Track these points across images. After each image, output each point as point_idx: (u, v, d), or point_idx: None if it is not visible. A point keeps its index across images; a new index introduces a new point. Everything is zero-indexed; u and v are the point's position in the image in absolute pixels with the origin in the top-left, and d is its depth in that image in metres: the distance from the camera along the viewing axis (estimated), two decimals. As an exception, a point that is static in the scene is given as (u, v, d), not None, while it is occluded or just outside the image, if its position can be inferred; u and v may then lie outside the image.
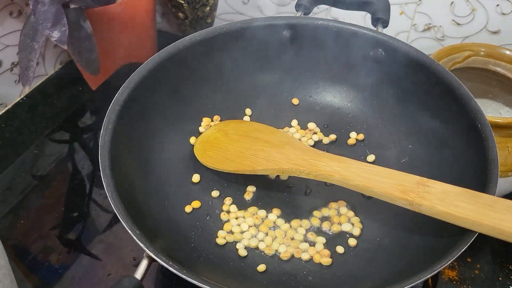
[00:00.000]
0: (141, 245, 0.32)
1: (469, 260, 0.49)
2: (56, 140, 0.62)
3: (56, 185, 0.55)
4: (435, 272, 0.32)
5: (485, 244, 0.51)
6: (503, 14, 0.64)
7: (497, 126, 0.46)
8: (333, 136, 0.51)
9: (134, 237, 0.32)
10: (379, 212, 0.45)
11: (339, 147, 0.51)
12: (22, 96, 0.76)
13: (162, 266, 0.45)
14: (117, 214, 0.34)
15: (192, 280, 0.30)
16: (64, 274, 0.46)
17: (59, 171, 0.57)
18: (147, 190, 0.42)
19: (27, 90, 0.57)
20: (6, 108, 0.74)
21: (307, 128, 0.52)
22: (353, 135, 0.51)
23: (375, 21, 0.52)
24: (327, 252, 0.42)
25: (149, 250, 0.31)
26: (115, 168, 0.37)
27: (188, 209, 0.45)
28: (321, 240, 0.43)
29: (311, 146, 0.50)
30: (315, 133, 0.52)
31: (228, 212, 0.45)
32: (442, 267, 0.32)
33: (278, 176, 0.48)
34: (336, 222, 0.44)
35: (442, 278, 0.48)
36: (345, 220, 0.44)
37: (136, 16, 0.67)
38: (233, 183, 0.47)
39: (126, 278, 0.30)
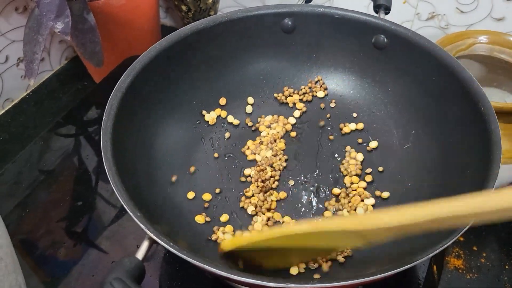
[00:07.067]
0: (142, 226, 0.32)
1: (475, 249, 0.49)
2: (62, 134, 0.62)
3: (63, 179, 0.56)
4: (437, 251, 0.31)
5: (491, 233, 0.50)
6: (508, 0, 0.64)
7: (502, 112, 0.46)
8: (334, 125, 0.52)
9: (135, 219, 0.32)
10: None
11: (341, 135, 0.51)
12: (28, 91, 0.76)
13: (165, 254, 0.46)
14: (118, 197, 0.34)
15: (192, 260, 0.30)
16: (70, 266, 0.47)
17: (65, 165, 0.58)
18: (149, 175, 0.42)
19: (31, 83, 0.57)
20: (13, 103, 0.75)
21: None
22: (352, 125, 0.51)
23: (377, 7, 0.52)
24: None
25: (149, 231, 0.32)
26: (116, 153, 0.37)
27: (190, 195, 0.45)
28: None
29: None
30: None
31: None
32: (444, 246, 0.31)
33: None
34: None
35: (447, 267, 0.48)
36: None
37: (139, 9, 0.67)
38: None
39: (127, 258, 0.30)
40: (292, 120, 0.52)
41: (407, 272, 0.43)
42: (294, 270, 0.40)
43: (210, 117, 0.51)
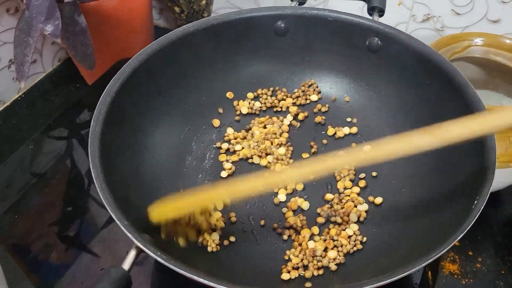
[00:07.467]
0: (129, 235, 0.31)
1: (470, 253, 0.48)
2: (54, 137, 0.62)
3: (55, 182, 0.55)
4: (431, 260, 0.31)
5: (487, 238, 0.50)
6: (503, 2, 0.63)
7: (497, 116, 0.45)
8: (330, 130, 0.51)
9: (122, 227, 0.32)
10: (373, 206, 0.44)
11: (334, 139, 0.50)
12: (20, 93, 0.76)
13: (156, 261, 0.45)
14: (106, 205, 0.33)
15: (180, 270, 0.30)
16: (61, 272, 0.46)
17: (57, 168, 0.57)
18: (139, 182, 0.42)
19: (22, 85, 0.57)
20: (4, 105, 0.74)
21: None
22: (346, 129, 0.51)
23: (371, 9, 0.52)
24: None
25: (136, 240, 0.31)
26: (105, 159, 0.37)
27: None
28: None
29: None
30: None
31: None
32: (437, 255, 0.31)
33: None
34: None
35: (443, 272, 0.47)
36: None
37: (132, 11, 0.67)
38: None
39: (113, 269, 0.30)
40: (286, 122, 0.52)
41: (401, 278, 0.43)
42: (285, 276, 0.39)
43: (204, 121, 0.51)
